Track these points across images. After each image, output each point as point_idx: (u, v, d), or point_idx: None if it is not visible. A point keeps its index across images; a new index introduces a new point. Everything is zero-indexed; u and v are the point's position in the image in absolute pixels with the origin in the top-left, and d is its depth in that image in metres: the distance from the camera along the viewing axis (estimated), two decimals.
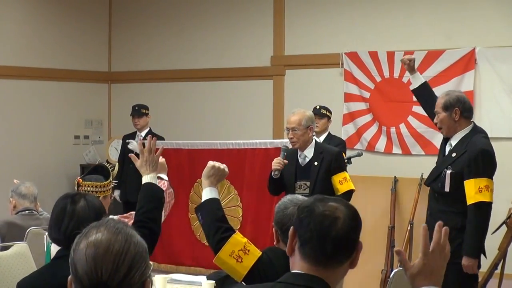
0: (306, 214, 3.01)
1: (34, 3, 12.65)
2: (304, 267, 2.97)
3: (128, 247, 2.36)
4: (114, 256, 2.32)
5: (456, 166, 6.65)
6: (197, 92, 12.84)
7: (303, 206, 3.07)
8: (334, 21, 11.54)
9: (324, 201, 3.05)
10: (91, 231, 2.41)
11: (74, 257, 2.37)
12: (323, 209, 2.99)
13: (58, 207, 4.19)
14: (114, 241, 2.35)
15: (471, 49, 10.37)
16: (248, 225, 9.58)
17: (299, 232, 3.01)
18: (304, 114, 7.49)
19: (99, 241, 2.36)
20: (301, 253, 2.99)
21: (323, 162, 7.35)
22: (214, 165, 4.67)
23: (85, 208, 4.13)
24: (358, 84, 11.24)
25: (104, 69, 13.75)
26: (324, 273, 2.95)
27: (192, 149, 10.24)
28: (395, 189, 9.96)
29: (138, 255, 2.37)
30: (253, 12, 12.29)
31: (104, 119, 13.76)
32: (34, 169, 12.13)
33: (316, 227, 2.96)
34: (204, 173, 4.65)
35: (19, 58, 12.38)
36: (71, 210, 4.12)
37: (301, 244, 3.00)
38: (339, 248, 2.96)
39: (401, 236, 9.66)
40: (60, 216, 4.11)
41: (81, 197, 4.22)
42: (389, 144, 10.99)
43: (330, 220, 2.96)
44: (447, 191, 6.69)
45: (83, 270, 2.33)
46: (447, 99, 6.74)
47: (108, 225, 2.42)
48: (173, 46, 13.06)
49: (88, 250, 2.35)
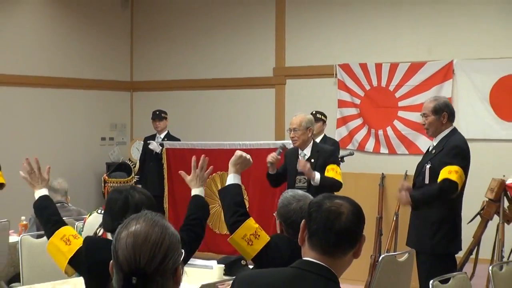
0: (315, 209, 3.03)
1: (66, 21, 12.65)
2: (313, 256, 2.99)
3: (163, 237, 2.35)
4: (151, 245, 2.33)
5: (434, 161, 6.64)
6: (208, 99, 12.84)
7: (313, 202, 3.10)
8: (328, 37, 11.54)
9: (332, 198, 3.07)
10: (131, 222, 2.42)
11: (116, 245, 2.37)
12: (329, 205, 3.01)
13: (119, 200, 4.08)
14: (151, 232, 2.36)
15: (449, 61, 10.38)
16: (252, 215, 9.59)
17: (309, 224, 3.03)
18: (304, 117, 7.58)
19: (138, 231, 2.36)
20: (310, 243, 3.01)
21: (319, 159, 7.41)
22: (242, 155, 4.71)
23: (143, 199, 4.07)
24: (349, 92, 11.23)
25: (127, 79, 13.75)
26: (330, 262, 2.96)
27: (205, 149, 10.23)
28: (382, 184, 9.93)
29: (172, 245, 2.37)
30: (258, 29, 12.29)
31: (127, 123, 13.76)
32: (66, 166, 12.13)
33: (322, 221, 2.98)
34: (232, 161, 4.69)
35: (54, 69, 12.39)
36: (133, 202, 4.02)
37: (309, 236, 3.01)
38: (342, 240, 2.97)
39: (387, 225, 9.66)
40: (124, 208, 4.01)
41: (134, 190, 4.15)
42: (377, 145, 10.99)
43: (335, 215, 2.98)
44: (427, 183, 6.67)
45: (124, 256, 2.33)
46: (437, 104, 6.68)
47: (146, 218, 2.42)
48: (187, 58, 13.06)
49: (128, 240, 2.35)
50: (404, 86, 10.75)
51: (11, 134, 11.58)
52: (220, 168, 9.54)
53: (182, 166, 5.48)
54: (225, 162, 4.99)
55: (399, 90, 10.69)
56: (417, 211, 6.70)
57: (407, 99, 10.74)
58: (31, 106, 12.12)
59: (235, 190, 4.62)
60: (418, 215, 6.80)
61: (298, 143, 7.50)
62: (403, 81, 10.76)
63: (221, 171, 9.75)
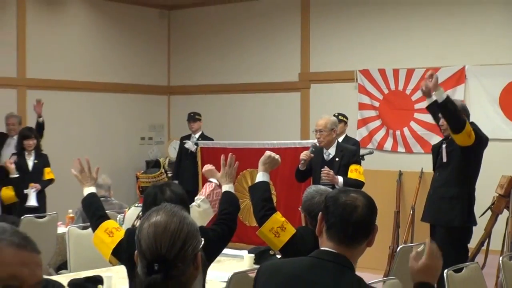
0: (331, 202, 3.02)
1: (109, 31, 12.72)
2: (330, 246, 2.98)
3: (182, 226, 2.36)
4: (171, 234, 2.33)
5: (450, 146, 6.73)
6: (238, 102, 12.85)
7: (329, 196, 3.09)
8: (350, 45, 11.50)
9: (347, 192, 3.07)
10: (152, 214, 2.42)
11: (139, 235, 2.38)
12: (345, 199, 3.01)
13: (151, 196, 4.02)
14: (170, 222, 2.36)
15: (461, 67, 10.31)
16: (280, 209, 9.56)
17: (326, 217, 3.02)
18: (329, 119, 7.57)
19: (159, 222, 2.37)
20: (327, 235, 3.01)
21: (343, 158, 7.41)
22: (270, 155, 4.72)
23: (172, 197, 3.95)
24: (369, 96, 11.19)
25: (164, 83, 13.79)
26: (346, 251, 2.96)
27: (236, 148, 10.22)
28: (400, 181, 9.89)
29: (190, 233, 2.37)
30: (284, 38, 12.27)
31: (164, 124, 13.80)
32: (109, 164, 12.18)
33: (339, 214, 2.97)
34: (261, 160, 4.71)
35: (98, 75, 12.50)
36: (162, 198, 3.91)
37: (327, 227, 3.00)
38: (358, 231, 2.97)
39: (405, 218, 9.62)
40: (153, 203, 3.90)
41: (168, 186, 4.10)
42: (395, 144, 10.94)
43: (351, 208, 2.98)
44: (445, 161, 6.72)
45: (146, 245, 2.34)
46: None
47: (166, 209, 2.43)
48: (220, 64, 13.08)
49: (150, 229, 2.36)
50: (420, 90, 10.68)
51: (60, 135, 11.66)
52: (250, 165, 9.55)
53: (215, 163, 5.46)
54: (254, 160, 5.00)
55: (415, 93, 10.63)
56: (435, 192, 6.87)
57: (423, 102, 10.62)
58: (77, 109, 12.22)
59: (263, 187, 4.64)
60: (436, 191, 6.86)
61: (324, 144, 7.49)
62: (418, 85, 10.67)
63: (250, 168, 9.73)
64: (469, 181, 6.82)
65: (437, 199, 6.89)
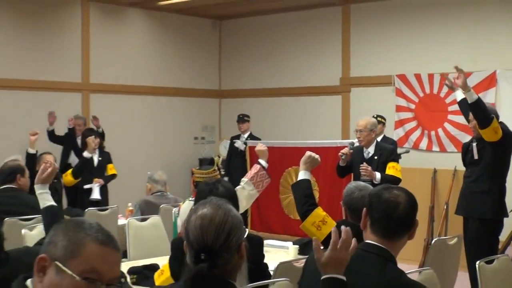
0: (375, 199, 3.01)
1: (166, 39, 12.80)
2: (374, 239, 2.98)
3: (226, 219, 2.37)
4: (216, 226, 2.34)
5: (480, 144, 6.71)
6: (284, 104, 12.82)
7: (373, 193, 3.09)
8: (387, 50, 11.41)
9: (389, 189, 3.05)
10: (199, 207, 2.43)
11: (187, 227, 2.39)
12: (388, 195, 2.99)
13: (205, 191, 3.94)
14: (215, 214, 2.37)
15: (492, 72, 10.16)
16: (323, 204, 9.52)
17: (370, 213, 3.00)
18: (369, 120, 7.57)
19: (205, 214, 2.38)
20: (371, 229, 3.00)
21: (382, 156, 7.38)
22: (311, 155, 4.73)
23: (224, 193, 3.89)
24: (406, 98, 11.09)
25: (216, 87, 13.82)
26: (389, 244, 2.95)
27: (282, 147, 10.23)
28: (434, 178, 9.81)
29: (234, 225, 2.38)
30: (326, 44, 12.21)
31: (216, 125, 13.84)
32: (165, 161, 12.28)
33: (383, 210, 2.96)
34: (302, 160, 4.73)
35: (156, 80, 12.59)
36: (216, 194, 3.83)
37: (371, 222, 2.99)
38: (401, 226, 2.96)
39: (439, 213, 9.55)
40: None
41: (220, 183, 4.06)
42: (430, 144, 10.82)
43: (394, 204, 2.97)
44: (476, 158, 6.67)
45: (193, 236, 2.35)
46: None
47: (212, 203, 2.44)
48: (267, 69, 13.07)
49: (197, 222, 2.37)
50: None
51: (122, 134, 11.76)
52: (294, 163, 9.54)
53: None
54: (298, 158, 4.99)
55: (449, 96, 10.49)
56: (466, 187, 6.88)
57: (456, 105, 10.53)
58: (137, 111, 12.32)
59: (305, 184, 4.65)
60: (468, 186, 6.82)
61: (364, 143, 7.48)
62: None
63: (295, 166, 9.72)
64: (499, 176, 6.78)
65: (470, 193, 6.84)
